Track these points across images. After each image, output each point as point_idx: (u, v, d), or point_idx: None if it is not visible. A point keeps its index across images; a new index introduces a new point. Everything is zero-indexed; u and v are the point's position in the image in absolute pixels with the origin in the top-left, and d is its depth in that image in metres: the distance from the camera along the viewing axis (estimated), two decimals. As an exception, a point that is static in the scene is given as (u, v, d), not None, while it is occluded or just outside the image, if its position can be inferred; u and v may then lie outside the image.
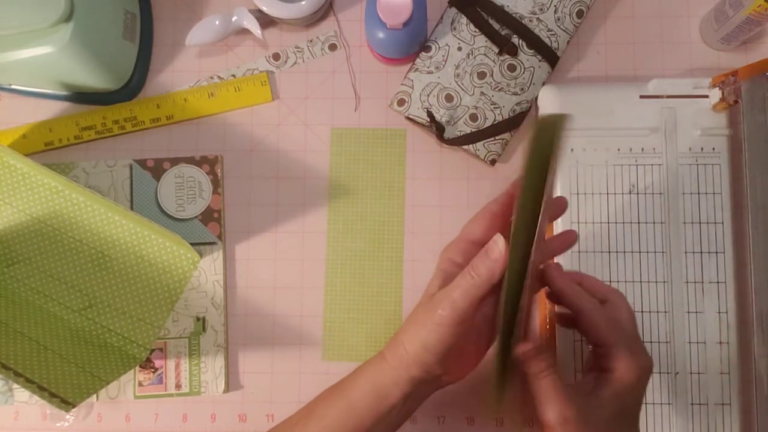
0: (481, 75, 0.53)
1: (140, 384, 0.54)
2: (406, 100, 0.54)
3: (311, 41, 0.58)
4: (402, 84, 0.55)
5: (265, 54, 0.58)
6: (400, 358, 0.36)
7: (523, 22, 0.53)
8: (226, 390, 0.54)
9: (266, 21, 0.56)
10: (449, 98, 0.53)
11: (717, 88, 0.52)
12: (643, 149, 0.52)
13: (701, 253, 0.51)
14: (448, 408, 0.53)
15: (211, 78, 0.58)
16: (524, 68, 0.53)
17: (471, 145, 0.53)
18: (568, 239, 0.41)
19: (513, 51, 0.53)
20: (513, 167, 0.56)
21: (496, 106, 0.53)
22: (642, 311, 0.51)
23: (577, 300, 0.38)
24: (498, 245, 0.33)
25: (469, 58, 0.53)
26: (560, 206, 0.40)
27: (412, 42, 0.53)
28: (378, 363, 0.37)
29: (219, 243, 0.56)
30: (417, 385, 0.37)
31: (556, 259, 0.51)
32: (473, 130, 0.53)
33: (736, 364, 0.50)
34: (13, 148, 0.54)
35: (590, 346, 0.40)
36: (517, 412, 0.47)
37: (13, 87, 0.56)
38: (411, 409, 0.39)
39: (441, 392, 0.40)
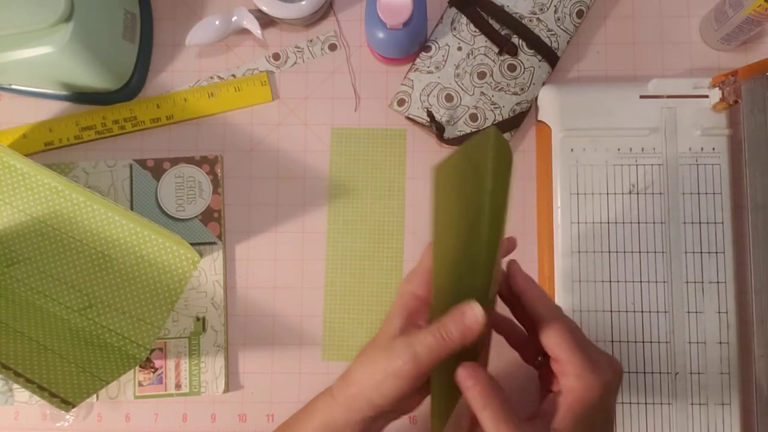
0: (481, 75, 0.53)
1: (140, 384, 0.54)
2: (406, 100, 0.54)
3: (311, 41, 0.58)
4: (402, 84, 0.55)
5: (265, 54, 0.58)
6: (352, 400, 0.34)
7: (523, 22, 0.53)
8: (226, 390, 0.54)
9: (266, 21, 0.56)
10: (449, 98, 0.53)
11: (717, 88, 0.52)
12: (643, 149, 0.52)
13: (701, 253, 0.51)
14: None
15: (211, 78, 0.58)
16: (524, 68, 0.53)
17: (471, 145, 0.53)
18: (509, 247, 0.38)
19: (513, 51, 0.53)
20: (513, 167, 0.56)
21: (496, 106, 0.53)
22: (642, 311, 0.51)
23: (538, 304, 0.34)
24: (474, 312, 0.31)
25: (469, 58, 0.53)
26: (510, 246, 0.38)
27: (412, 42, 0.53)
28: (329, 403, 0.36)
29: (219, 243, 0.56)
30: (370, 423, 0.35)
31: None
32: (473, 130, 0.53)
33: (736, 365, 0.50)
34: (13, 148, 0.54)
35: (539, 359, 0.37)
36: None
37: (13, 87, 0.56)
38: None
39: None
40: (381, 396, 0.33)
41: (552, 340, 0.33)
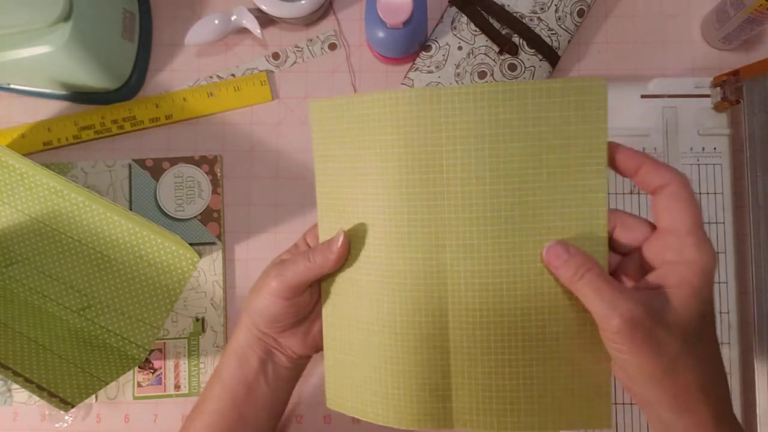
0: (482, 74, 0.53)
1: (139, 384, 0.54)
2: (407, 99, 0.54)
3: (311, 40, 0.58)
4: (402, 83, 0.54)
5: (264, 53, 0.58)
6: (246, 322, 0.38)
7: (523, 21, 0.53)
8: (226, 391, 0.54)
9: (266, 20, 0.56)
10: (449, 98, 0.53)
11: (718, 88, 0.51)
12: (644, 149, 0.52)
13: (702, 253, 0.51)
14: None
15: (211, 77, 0.58)
16: (525, 67, 0.53)
17: (471, 145, 0.53)
18: None
19: (513, 50, 0.52)
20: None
21: (497, 105, 0.53)
22: (643, 311, 0.51)
23: (659, 169, 0.30)
24: (338, 241, 0.34)
25: (469, 57, 0.53)
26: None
27: (412, 41, 0.53)
28: (235, 332, 0.39)
29: (218, 243, 0.55)
30: (266, 348, 0.38)
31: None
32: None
33: (738, 365, 0.50)
34: (12, 148, 0.54)
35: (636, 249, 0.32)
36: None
37: (11, 86, 0.56)
38: (279, 382, 0.39)
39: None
40: (257, 313, 0.36)
41: (676, 203, 0.30)
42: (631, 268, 0.32)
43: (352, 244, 0.34)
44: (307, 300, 0.37)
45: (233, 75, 0.57)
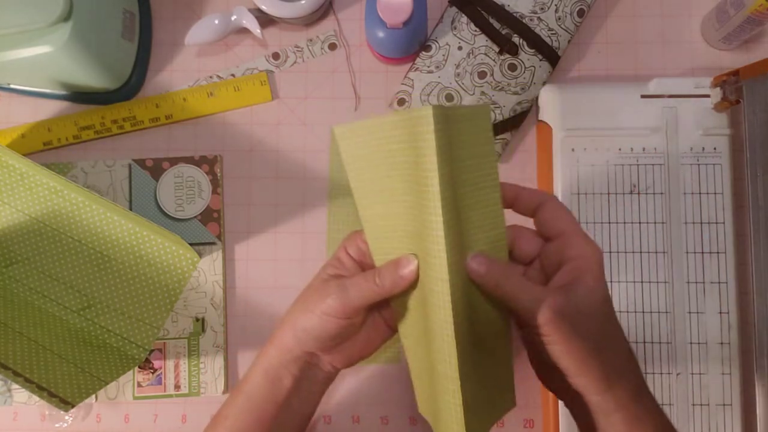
0: (482, 74, 0.53)
1: (139, 384, 0.54)
2: (406, 99, 0.54)
3: (311, 40, 0.58)
4: (402, 83, 0.54)
5: (264, 53, 0.58)
6: (283, 341, 0.36)
7: (523, 21, 0.53)
8: (226, 391, 0.54)
9: (266, 20, 0.56)
10: (449, 98, 0.53)
11: (718, 88, 0.51)
12: (644, 149, 0.52)
13: (702, 253, 0.51)
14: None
15: (211, 77, 0.58)
16: (525, 68, 0.53)
17: (471, 145, 0.53)
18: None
19: (513, 50, 0.52)
20: (514, 167, 0.56)
21: (497, 105, 0.53)
22: (643, 311, 0.51)
23: (532, 196, 0.35)
24: (411, 264, 0.32)
25: (469, 57, 0.53)
26: None
27: (412, 41, 0.53)
28: (267, 348, 0.37)
29: (218, 243, 0.55)
30: (304, 365, 0.36)
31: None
32: (474, 129, 0.53)
33: (738, 365, 0.50)
34: (12, 148, 0.54)
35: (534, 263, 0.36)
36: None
37: (11, 86, 0.56)
38: (310, 397, 0.38)
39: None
40: (306, 333, 0.34)
41: (556, 214, 0.34)
42: (534, 275, 0.35)
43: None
44: (361, 319, 0.35)
45: (233, 75, 0.58)
